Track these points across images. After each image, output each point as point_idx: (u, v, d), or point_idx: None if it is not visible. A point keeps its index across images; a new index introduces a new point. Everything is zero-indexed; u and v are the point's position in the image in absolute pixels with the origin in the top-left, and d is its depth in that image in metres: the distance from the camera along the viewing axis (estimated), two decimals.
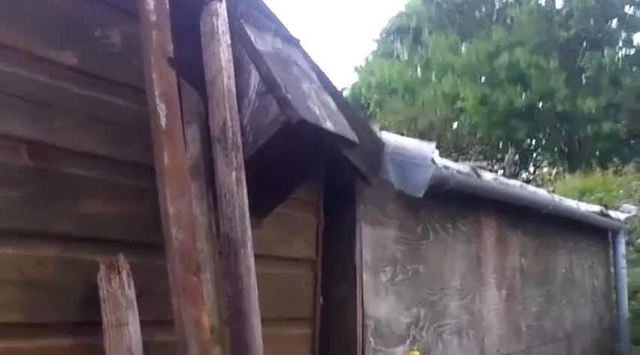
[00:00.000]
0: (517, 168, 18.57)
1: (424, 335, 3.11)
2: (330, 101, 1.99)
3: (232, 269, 1.71)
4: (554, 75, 18.69)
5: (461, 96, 19.62)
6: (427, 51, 22.19)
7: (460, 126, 19.67)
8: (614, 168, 12.88)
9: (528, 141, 20.93)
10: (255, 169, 1.87)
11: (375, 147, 2.58)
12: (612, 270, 5.84)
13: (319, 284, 2.50)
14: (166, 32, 1.65)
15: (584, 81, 19.66)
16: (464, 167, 3.26)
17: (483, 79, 20.41)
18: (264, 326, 2.23)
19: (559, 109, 18.81)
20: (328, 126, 1.83)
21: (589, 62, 18.92)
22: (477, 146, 18.23)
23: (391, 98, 21.75)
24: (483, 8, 22.08)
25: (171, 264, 1.53)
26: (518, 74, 19.29)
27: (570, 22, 19.28)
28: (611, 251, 5.87)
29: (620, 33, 20.43)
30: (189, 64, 1.89)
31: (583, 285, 5.27)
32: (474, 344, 3.53)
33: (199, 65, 1.89)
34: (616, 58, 19.30)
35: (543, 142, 20.98)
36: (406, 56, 24.43)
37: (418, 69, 23.15)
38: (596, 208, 5.19)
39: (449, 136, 18.26)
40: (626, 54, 20.19)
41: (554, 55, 19.20)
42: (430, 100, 20.11)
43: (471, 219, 3.59)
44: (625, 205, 6.25)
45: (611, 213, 5.39)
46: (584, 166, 16.18)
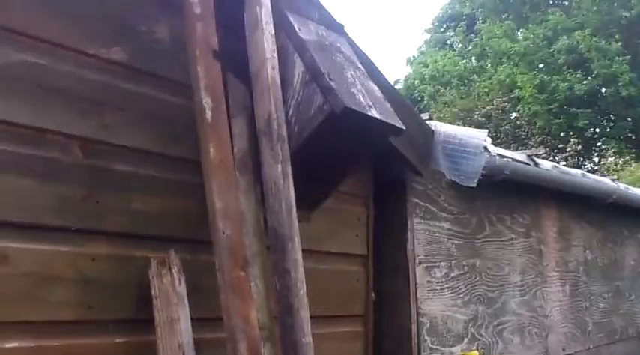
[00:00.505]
0: (580, 157, 17.96)
1: (483, 333, 3.00)
2: (376, 88, 1.93)
3: (280, 263, 1.67)
4: (616, 58, 17.94)
5: (518, 84, 19.07)
6: (481, 39, 21.67)
7: (518, 116, 19.15)
8: None
9: (592, 129, 20.18)
10: (301, 161, 1.83)
11: (424, 136, 2.50)
12: None
13: (371, 280, 2.45)
14: (211, 25, 1.63)
15: None
16: (520, 155, 3.14)
17: (541, 66, 19.78)
18: (316, 323, 2.20)
19: (623, 94, 18.02)
20: (374, 113, 1.78)
21: None
22: (537, 136, 17.70)
23: (445, 89, 21.36)
24: None
25: (218, 259, 1.51)
26: (578, 59, 18.58)
27: (632, 1, 18.44)
28: None
29: None
30: (234, 57, 1.86)
31: None
32: (537, 342, 3.38)
33: (244, 57, 1.86)
34: None
35: (608, 130, 20.18)
36: (460, 45, 23.97)
37: (472, 58, 22.67)
38: None
39: (507, 127, 17.80)
40: None
41: (616, 37, 18.42)
42: (486, 90, 19.64)
43: (530, 211, 3.45)
44: None
45: None
46: None
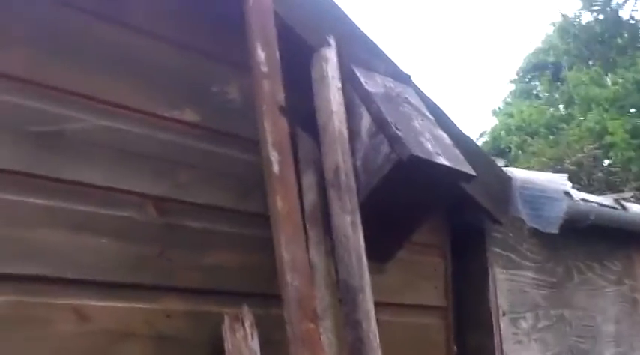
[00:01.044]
0: None
1: None
2: (445, 136, 1.92)
3: (351, 315, 1.66)
4: None
5: (609, 130, 18.36)
6: (568, 86, 21.15)
7: (611, 162, 18.36)
8: None
9: None
10: (371, 212, 1.83)
11: (501, 182, 2.44)
12: None
13: (452, 332, 2.37)
14: (277, 81, 1.69)
15: None
16: (606, 200, 3.00)
17: (633, 110, 19.00)
18: None
19: None
20: (442, 160, 1.76)
21: None
22: (632, 182, 16.86)
23: (533, 139, 20.85)
24: (625, 34, 20.79)
25: (287, 312, 1.51)
26: None
27: None
28: None
29: None
30: (302, 112, 1.92)
31: None
32: None
33: (312, 112, 1.91)
34: None
35: None
36: (546, 94, 23.45)
37: (560, 106, 22.09)
38: None
39: (599, 174, 17.07)
40: None
41: None
42: (575, 138, 19.00)
43: (621, 257, 3.27)
44: None
45: None
46: None
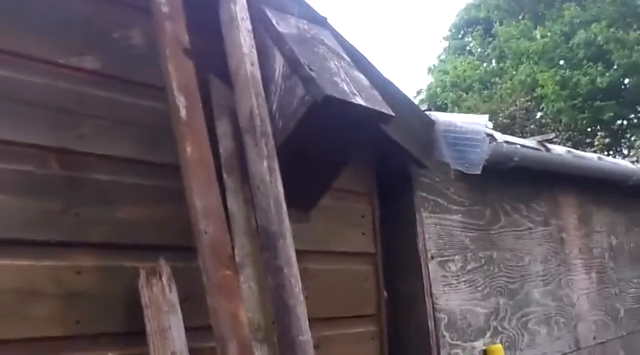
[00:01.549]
0: (609, 151, 17.59)
1: (507, 326, 2.90)
2: (362, 77, 1.88)
3: (272, 261, 1.62)
4: (636, 47, 17.62)
5: (540, 82, 18.84)
6: (499, 41, 21.51)
7: (543, 114, 18.89)
8: None
9: (619, 121, 19.79)
10: (289, 157, 1.78)
11: (425, 127, 2.44)
12: None
13: (381, 278, 2.37)
14: (180, 23, 1.60)
15: None
16: (530, 142, 3.05)
17: (562, 62, 19.53)
18: (326, 325, 2.14)
19: None
20: (358, 100, 1.72)
21: None
22: (564, 133, 17.42)
23: (467, 95, 21.20)
24: None
25: (202, 260, 1.46)
26: (597, 51, 18.32)
27: None
28: None
29: None
30: (215, 58, 1.83)
31: None
32: (566, 332, 3.27)
33: (225, 57, 1.83)
34: None
35: (635, 121, 19.77)
36: (479, 49, 23.80)
37: (492, 61, 22.48)
38: None
39: (532, 126, 17.55)
40: None
41: (634, 27, 18.11)
42: (508, 91, 19.43)
43: (547, 199, 3.35)
44: None
45: None
46: None
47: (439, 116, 2.49)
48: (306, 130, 1.74)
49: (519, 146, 2.86)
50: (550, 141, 3.32)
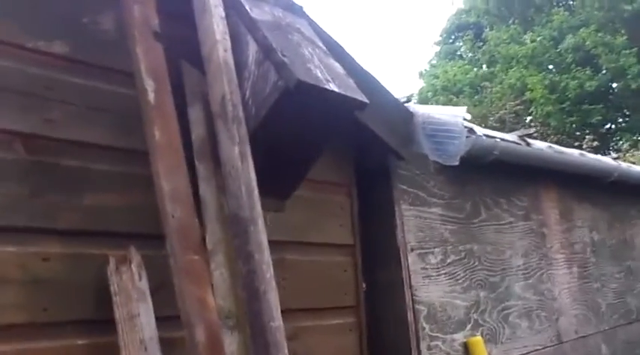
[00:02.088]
0: (598, 154, 17.67)
1: (487, 318, 2.90)
2: (337, 65, 1.87)
3: (243, 247, 1.60)
4: (623, 51, 17.74)
5: (529, 86, 18.91)
6: (490, 46, 21.60)
7: (532, 118, 18.95)
8: None
9: (607, 125, 19.90)
10: (264, 145, 1.77)
11: (404, 118, 2.44)
12: None
13: (360, 270, 2.37)
14: (150, 7, 1.59)
15: None
16: (511, 136, 3.05)
17: (550, 66, 19.62)
18: (305, 316, 2.13)
19: (633, 87, 17.80)
20: (332, 87, 1.72)
21: None
22: (552, 136, 17.49)
23: (458, 98, 21.26)
24: None
25: (170, 244, 1.44)
26: (585, 56, 18.42)
27: None
28: None
29: None
30: (188, 44, 1.82)
31: None
32: (547, 326, 3.27)
33: (198, 44, 1.82)
34: None
35: (622, 124, 19.88)
36: (469, 54, 23.89)
37: (483, 66, 22.57)
38: None
39: (522, 129, 17.59)
40: None
41: (621, 32, 18.24)
42: (498, 95, 19.49)
43: (529, 193, 3.36)
44: None
45: None
46: None
47: (418, 108, 2.49)
48: (279, 117, 1.73)
49: (499, 140, 2.86)
50: (530, 136, 3.32)
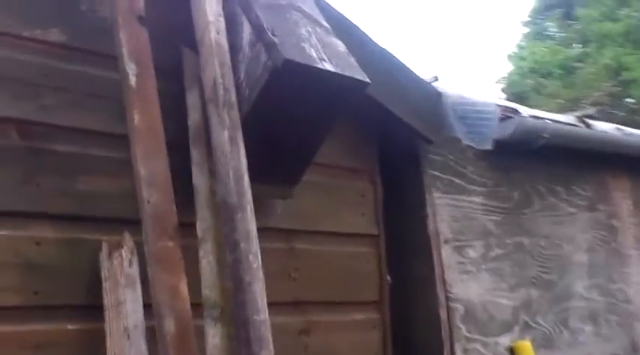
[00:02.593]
0: None
1: (541, 321, 2.66)
2: (338, 43, 1.77)
3: (230, 236, 1.54)
4: None
5: (626, 66, 17.74)
6: (581, 24, 20.45)
7: (636, 101, 17.76)
8: None
9: None
10: (259, 128, 1.70)
11: (431, 99, 2.28)
12: None
13: (384, 262, 2.24)
14: None
15: None
16: (566, 117, 2.81)
17: None
18: (318, 310, 2.04)
19: None
20: (326, 66, 1.62)
21: None
22: None
23: (547, 81, 20.29)
24: None
25: (144, 230, 1.40)
26: None
27: None
28: None
29: None
30: (188, 29, 1.78)
31: None
32: (619, 331, 2.97)
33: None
34: None
35: None
36: (560, 34, 22.74)
37: (574, 45, 21.42)
38: None
39: (623, 113, 16.54)
40: None
41: None
42: (592, 77, 18.42)
43: (593, 181, 3.08)
44: None
45: None
46: None
47: (447, 88, 2.33)
48: (271, 99, 1.65)
49: (550, 121, 2.64)
50: (590, 116, 3.05)
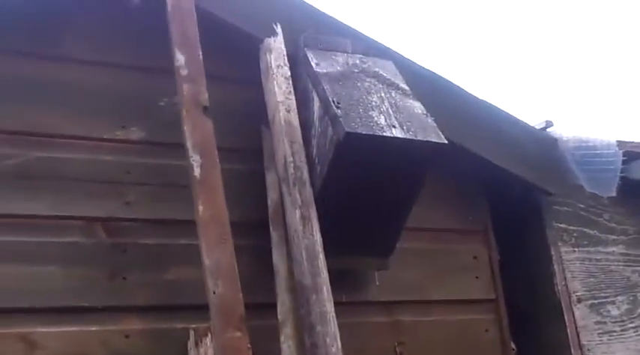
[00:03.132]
0: None
1: None
2: (415, 105, 1.69)
3: (307, 318, 1.49)
4: None
5: None
6: None
7: None
8: None
9: None
10: (338, 203, 1.66)
11: (543, 146, 2.08)
12: None
13: (506, 328, 2.04)
14: (199, 82, 1.61)
15: None
16: None
17: None
18: None
19: None
20: (395, 133, 1.54)
21: None
22: None
23: None
24: None
25: (212, 320, 1.40)
26: None
27: None
28: None
29: None
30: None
31: None
32: None
33: None
34: None
35: None
36: None
37: None
38: None
39: None
40: None
41: None
42: None
43: None
44: None
45: None
46: None
47: (563, 131, 2.11)
48: (343, 172, 1.60)
49: None
50: None
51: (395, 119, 1.60)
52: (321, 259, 1.55)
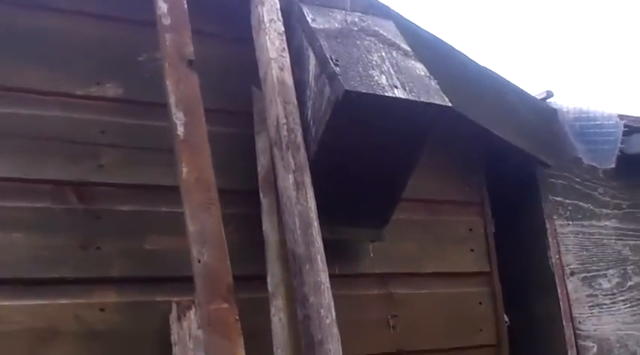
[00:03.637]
0: None
1: None
2: (418, 67, 1.58)
3: (300, 289, 1.39)
4: None
5: None
6: None
7: None
8: None
9: None
10: (334, 169, 1.55)
11: (543, 118, 2.00)
12: None
13: (500, 301, 1.98)
14: (184, 34, 1.48)
15: None
16: None
17: None
18: None
19: None
20: (397, 93, 1.43)
21: None
22: None
23: None
24: None
25: (196, 291, 1.29)
26: None
27: None
28: None
29: None
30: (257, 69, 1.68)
31: None
32: None
33: None
34: None
35: None
36: None
37: None
38: None
39: None
40: None
41: None
42: None
43: None
44: None
45: None
46: None
47: (562, 102, 2.03)
48: (340, 135, 1.49)
49: None
50: None
51: (397, 79, 1.49)
52: (315, 227, 1.44)
